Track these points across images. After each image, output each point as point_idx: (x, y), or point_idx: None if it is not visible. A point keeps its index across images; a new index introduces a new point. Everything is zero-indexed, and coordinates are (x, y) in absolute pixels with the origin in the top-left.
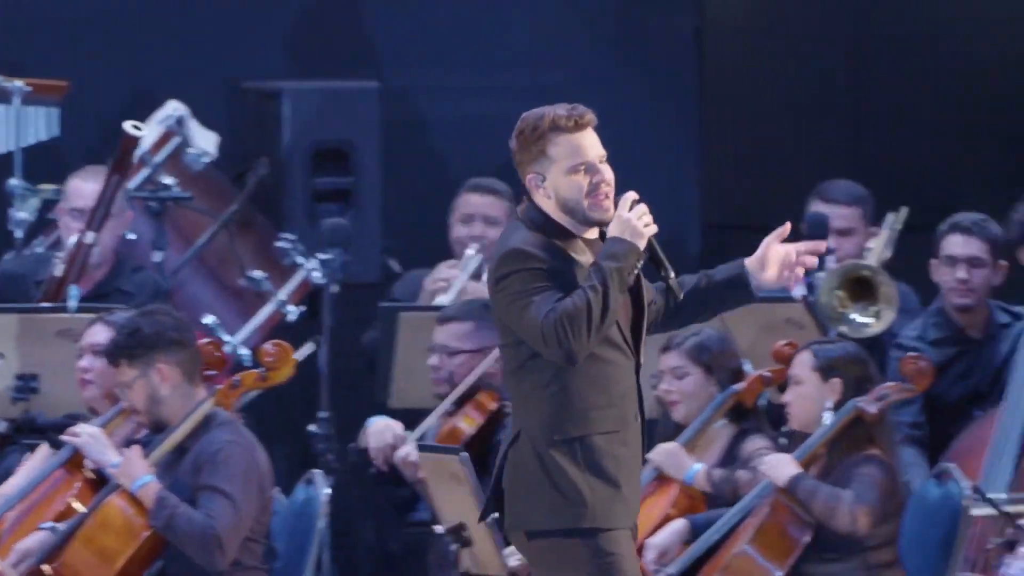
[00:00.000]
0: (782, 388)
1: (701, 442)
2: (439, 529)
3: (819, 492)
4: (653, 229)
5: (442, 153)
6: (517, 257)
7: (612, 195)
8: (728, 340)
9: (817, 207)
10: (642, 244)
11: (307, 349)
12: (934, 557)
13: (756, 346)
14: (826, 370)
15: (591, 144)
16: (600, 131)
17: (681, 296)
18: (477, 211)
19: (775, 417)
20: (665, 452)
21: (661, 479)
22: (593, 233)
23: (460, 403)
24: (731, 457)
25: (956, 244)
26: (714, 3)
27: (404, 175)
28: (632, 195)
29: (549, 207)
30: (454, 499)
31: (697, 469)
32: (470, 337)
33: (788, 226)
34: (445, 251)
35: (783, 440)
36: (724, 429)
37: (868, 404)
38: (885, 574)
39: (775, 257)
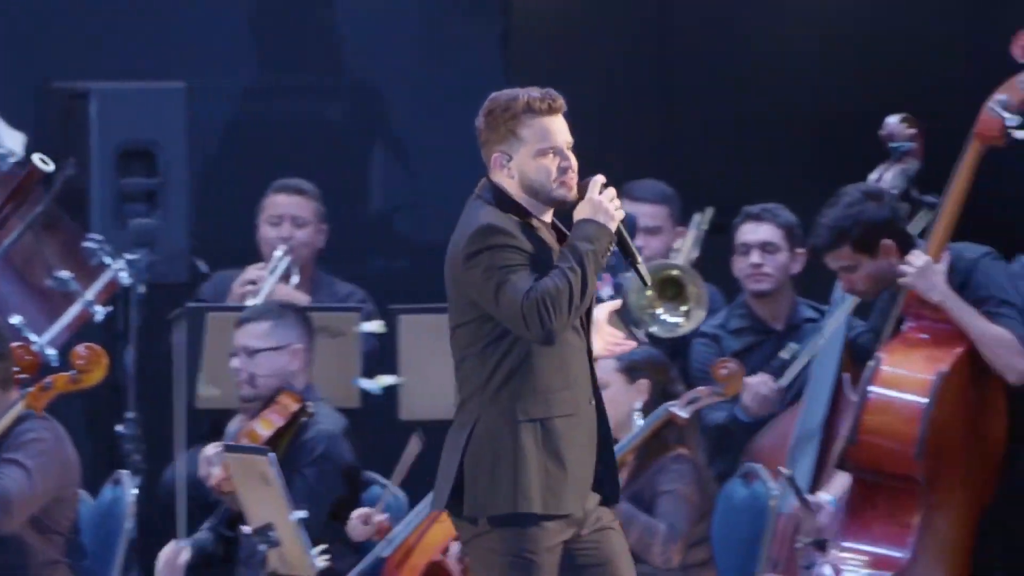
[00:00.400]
0: None
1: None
2: (246, 530)
3: (635, 522)
4: (621, 214)
5: (249, 153)
6: (489, 233)
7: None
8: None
9: (624, 206)
10: (613, 227)
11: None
12: (742, 556)
13: None
14: (631, 371)
15: (560, 129)
16: (411, 133)
17: (649, 282)
18: (285, 212)
19: None
20: None
21: None
22: (548, 217)
23: (265, 404)
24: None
25: (747, 231)
26: (521, 6)
27: (211, 176)
28: (600, 178)
29: (511, 186)
30: (262, 499)
31: None
32: (269, 335)
33: (620, 303)
34: (253, 252)
35: None
36: None
37: (680, 409)
38: (700, 573)
39: (602, 330)
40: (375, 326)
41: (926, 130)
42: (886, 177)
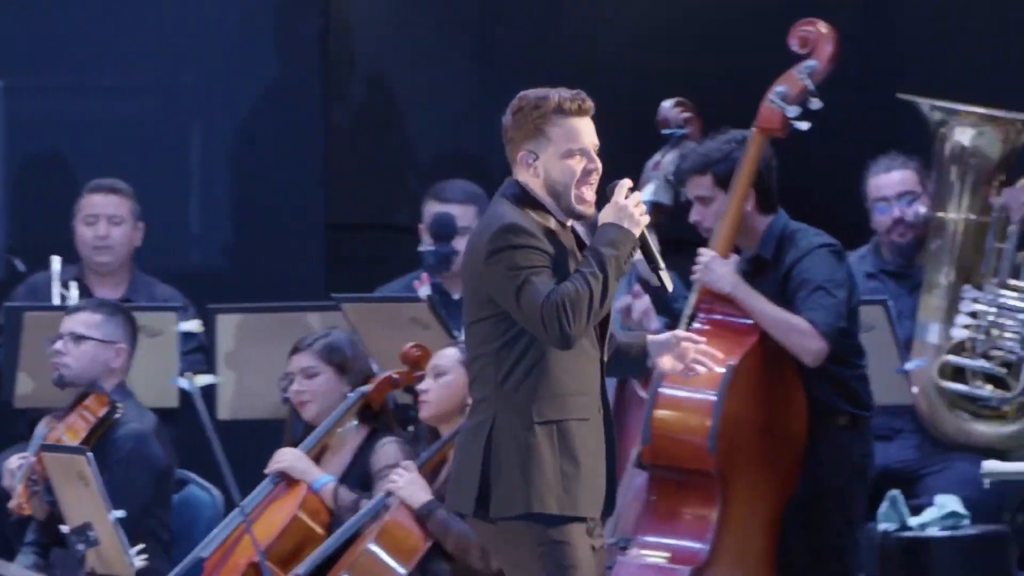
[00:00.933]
0: (408, 389)
1: (333, 443)
2: (65, 529)
3: (451, 528)
4: (646, 219)
5: (66, 152)
6: (513, 231)
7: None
8: (357, 343)
9: (432, 207)
10: (637, 232)
11: None
12: None
13: (382, 346)
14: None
15: (588, 131)
16: (225, 130)
17: (671, 290)
18: (100, 211)
19: (402, 418)
20: (293, 456)
21: (289, 482)
22: (569, 220)
23: (72, 406)
24: (362, 458)
25: None
26: (339, 4)
27: (29, 174)
28: (627, 182)
29: (536, 185)
30: (80, 499)
31: (326, 481)
32: (99, 327)
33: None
34: (71, 251)
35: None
36: (355, 430)
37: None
38: None
39: (676, 349)
40: (193, 325)
41: (702, 118)
42: (664, 162)
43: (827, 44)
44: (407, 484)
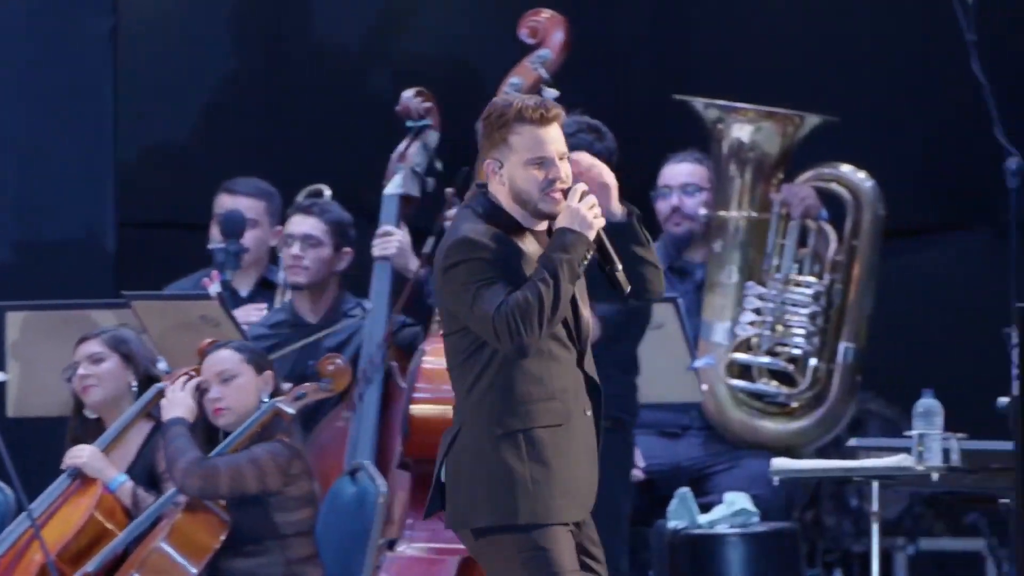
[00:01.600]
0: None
1: (123, 438)
2: None
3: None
4: (602, 221)
5: None
6: (466, 246)
7: (565, 192)
8: (144, 341)
9: (223, 201)
10: (591, 235)
11: None
12: (348, 552)
13: (171, 344)
14: (258, 363)
15: (553, 139)
16: (13, 127)
17: (628, 290)
18: None
19: None
20: (90, 453)
21: (84, 479)
22: (542, 226)
23: None
24: (147, 453)
25: (293, 223)
26: (128, 2)
27: None
28: (582, 186)
29: (502, 194)
30: None
31: (122, 480)
32: None
33: None
34: None
35: None
36: (141, 425)
37: (287, 404)
38: (304, 567)
39: None
40: None
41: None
42: (409, 153)
43: (556, 32)
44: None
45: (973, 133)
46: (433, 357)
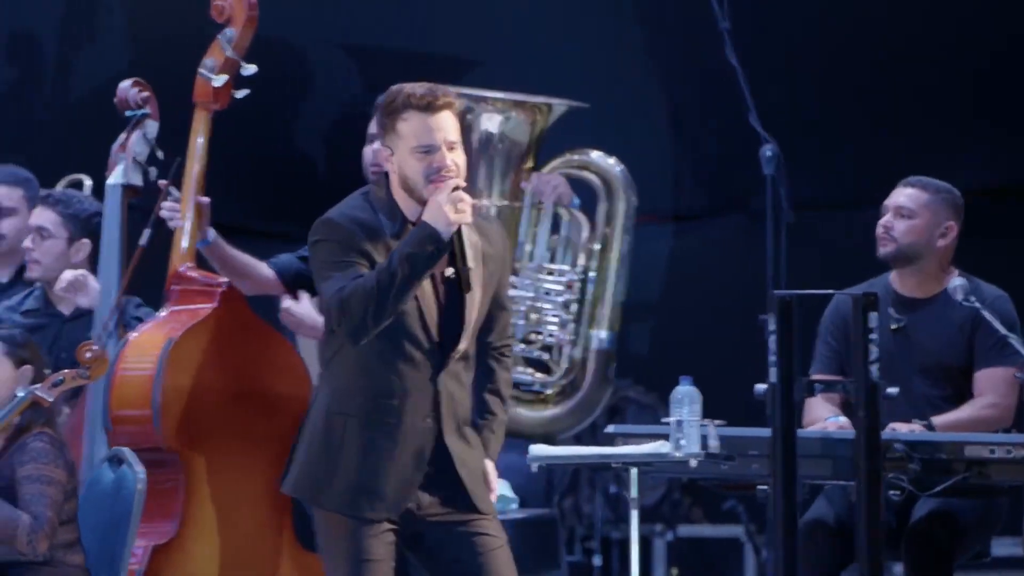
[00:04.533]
0: None
1: None
2: None
3: None
4: (464, 217)
5: None
6: (326, 226)
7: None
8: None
9: None
10: (446, 232)
11: None
12: (110, 538)
13: None
14: (18, 356)
15: (441, 127)
16: None
17: (471, 289)
18: None
19: None
20: None
21: None
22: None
23: None
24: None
25: (33, 214)
26: None
27: None
28: (454, 181)
29: (393, 182)
30: None
31: None
32: None
33: None
34: None
35: None
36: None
37: (44, 392)
38: (66, 553)
39: None
40: None
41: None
42: (129, 143)
43: (239, 10)
44: None
45: (728, 119)
46: (129, 350)
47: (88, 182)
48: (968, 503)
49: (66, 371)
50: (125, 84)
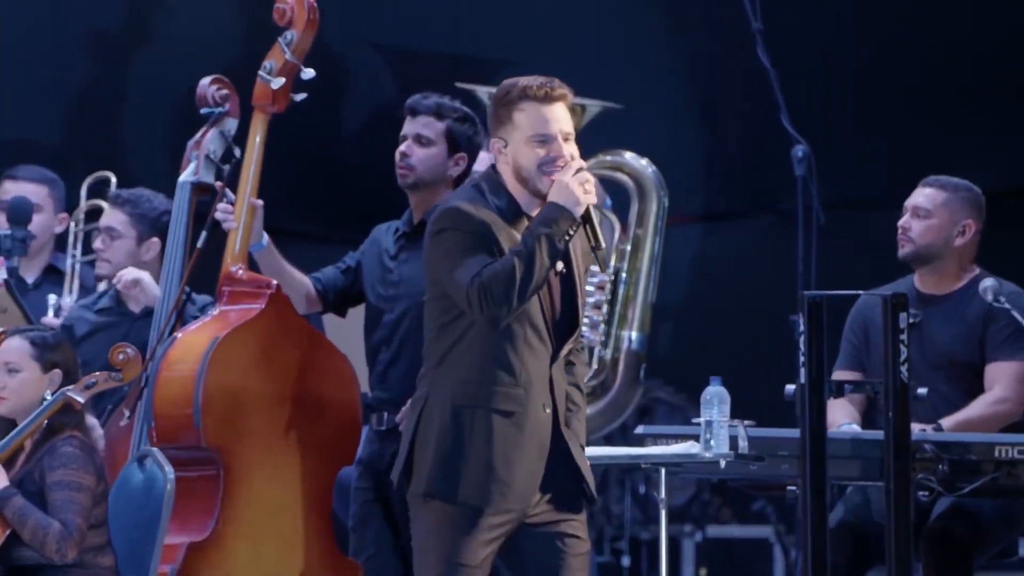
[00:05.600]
0: None
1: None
2: None
3: (28, 517)
4: (592, 199)
5: None
6: (453, 215)
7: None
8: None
9: (6, 187)
10: (578, 211)
11: None
12: (139, 539)
13: None
14: (46, 359)
15: (557, 118)
16: None
17: (609, 269)
18: None
19: None
20: None
21: None
22: (535, 209)
23: None
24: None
25: (103, 215)
26: None
27: None
28: (577, 163)
29: (507, 174)
30: None
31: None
32: None
33: None
34: None
35: None
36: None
37: (76, 393)
38: (96, 556)
39: None
40: None
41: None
42: (204, 141)
43: (301, 13)
44: None
45: (758, 120)
46: (177, 348)
47: (113, 179)
48: (990, 501)
49: (98, 373)
50: (205, 81)
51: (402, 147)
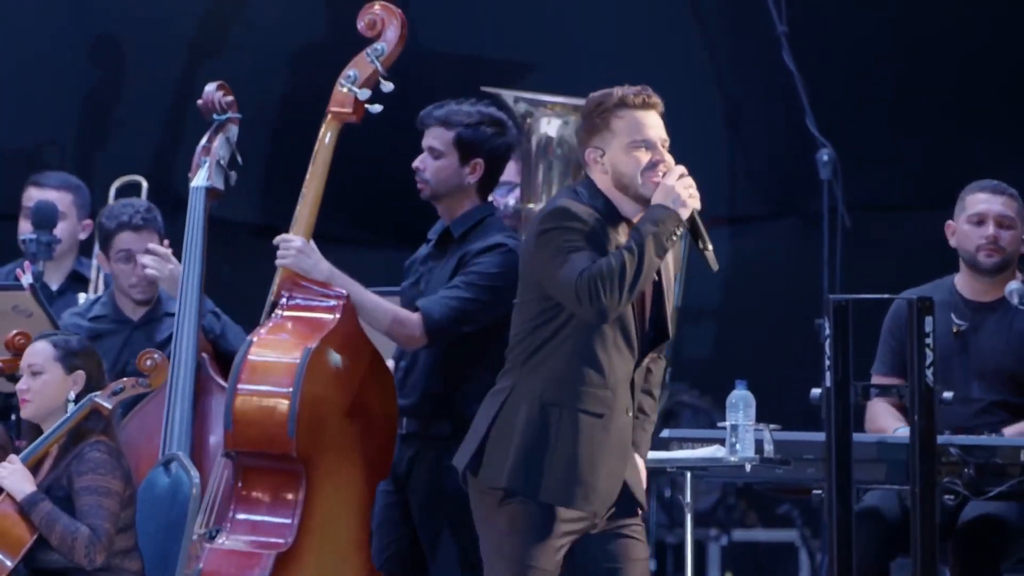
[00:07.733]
0: (12, 379)
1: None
2: None
3: (56, 522)
4: (696, 202)
5: None
6: (561, 214)
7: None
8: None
9: (31, 194)
10: (684, 213)
11: None
12: (165, 543)
13: None
14: (69, 361)
15: (654, 125)
16: None
17: (716, 269)
18: None
19: (2, 407)
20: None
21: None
22: (636, 216)
23: None
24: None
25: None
26: None
27: None
28: (680, 168)
29: (604, 183)
30: None
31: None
32: None
33: None
34: None
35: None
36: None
37: (104, 399)
38: (123, 560)
39: None
40: None
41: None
42: (214, 147)
43: (391, 26)
44: (11, 475)
45: (784, 123)
46: (260, 349)
47: (144, 184)
48: (1019, 507)
49: (126, 379)
50: (211, 87)
51: (416, 161)
